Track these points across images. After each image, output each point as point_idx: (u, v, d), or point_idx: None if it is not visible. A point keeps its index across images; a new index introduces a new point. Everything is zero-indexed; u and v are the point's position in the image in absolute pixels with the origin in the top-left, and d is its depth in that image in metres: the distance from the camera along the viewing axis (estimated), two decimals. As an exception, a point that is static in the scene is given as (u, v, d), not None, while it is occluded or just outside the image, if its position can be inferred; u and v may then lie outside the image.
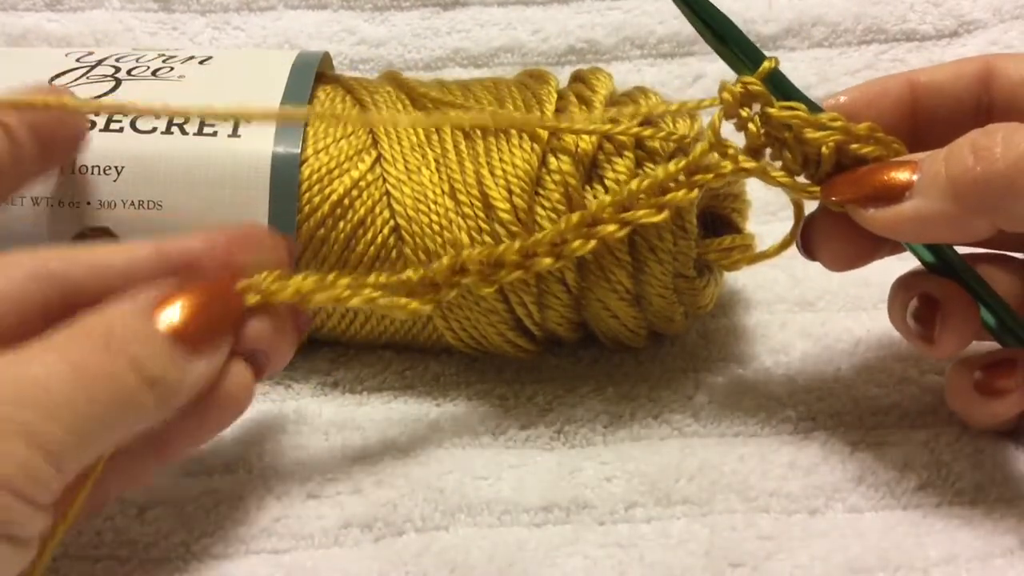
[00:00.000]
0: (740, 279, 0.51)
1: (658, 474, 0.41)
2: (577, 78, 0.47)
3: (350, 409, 0.44)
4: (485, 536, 0.39)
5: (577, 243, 0.40)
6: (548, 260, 0.40)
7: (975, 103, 0.40)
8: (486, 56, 0.62)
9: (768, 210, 0.52)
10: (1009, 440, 0.42)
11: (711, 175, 0.40)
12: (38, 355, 0.31)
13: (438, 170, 0.43)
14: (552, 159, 0.43)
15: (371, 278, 0.38)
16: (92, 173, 0.43)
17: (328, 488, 0.40)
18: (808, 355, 0.47)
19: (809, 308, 0.50)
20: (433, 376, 0.46)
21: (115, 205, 0.43)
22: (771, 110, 0.39)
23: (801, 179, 0.40)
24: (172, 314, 0.34)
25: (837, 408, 0.44)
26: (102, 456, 0.33)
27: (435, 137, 0.44)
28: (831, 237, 0.40)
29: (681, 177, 0.40)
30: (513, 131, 0.43)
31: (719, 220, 0.46)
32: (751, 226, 0.47)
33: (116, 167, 0.43)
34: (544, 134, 0.43)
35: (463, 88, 0.46)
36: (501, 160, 0.43)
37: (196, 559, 0.38)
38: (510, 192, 0.43)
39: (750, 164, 0.39)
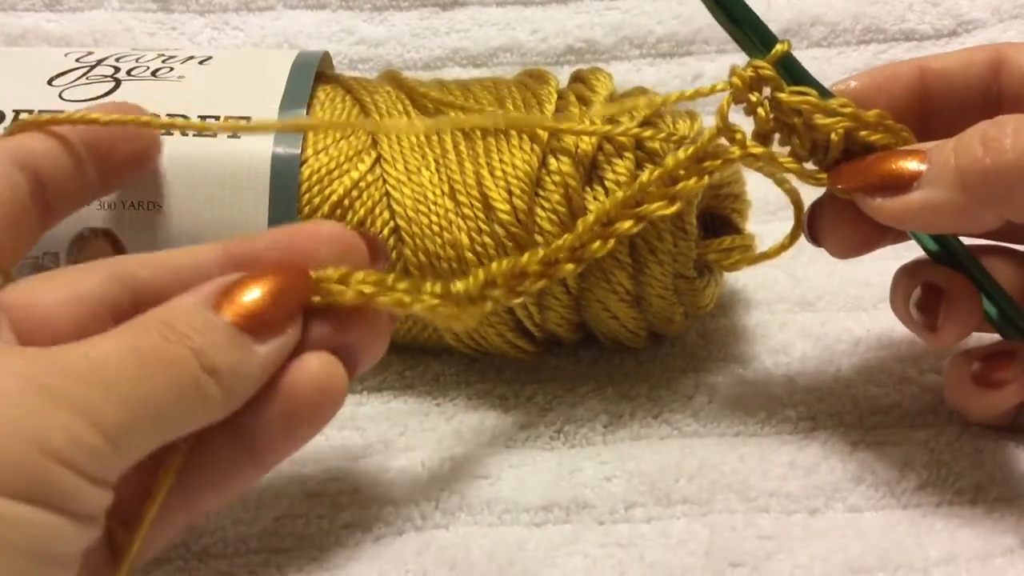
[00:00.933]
0: (740, 279, 0.51)
1: (658, 474, 0.41)
2: (577, 78, 0.47)
3: (350, 409, 0.44)
4: (485, 535, 0.39)
5: (596, 244, 0.40)
6: (570, 266, 0.40)
7: (984, 91, 0.40)
8: (485, 56, 0.62)
9: (768, 210, 0.52)
10: (1009, 439, 0.42)
11: (719, 161, 0.39)
12: (100, 340, 0.31)
13: (438, 171, 0.43)
14: (552, 160, 0.43)
15: (426, 287, 0.37)
16: (92, 173, 0.43)
17: (328, 488, 0.40)
18: (808, 355, 0.47)
19: (809, 308, 0.50)
20: (433, 376, 0.46)
21: (115, 205, 0.43)
22: (781, 95, 0.38)
23: (809, 165, 0.39)
24: (235, 299, 0.33)
25: (837, 408, 0.44)
26: (180, 450, 0.33)
27: (435, 138, 0.44)
28: (837, 224, 0.40)
29: (685, 168, 0.39)
30: (513, 132, 0.44)
31: (719, 221, 0.46)
32: (751, 226, 0.47)
33: (116, 167, 0.43)
34: (544, 135, 0.43)
35: (463, 88, 0.46)
36: (501, 161, 0.43)
37: (196, 559, 0.38)
38: (510, 193, 0.43)
39: (758, 149, 0.39)
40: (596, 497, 0.40)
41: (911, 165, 0.36)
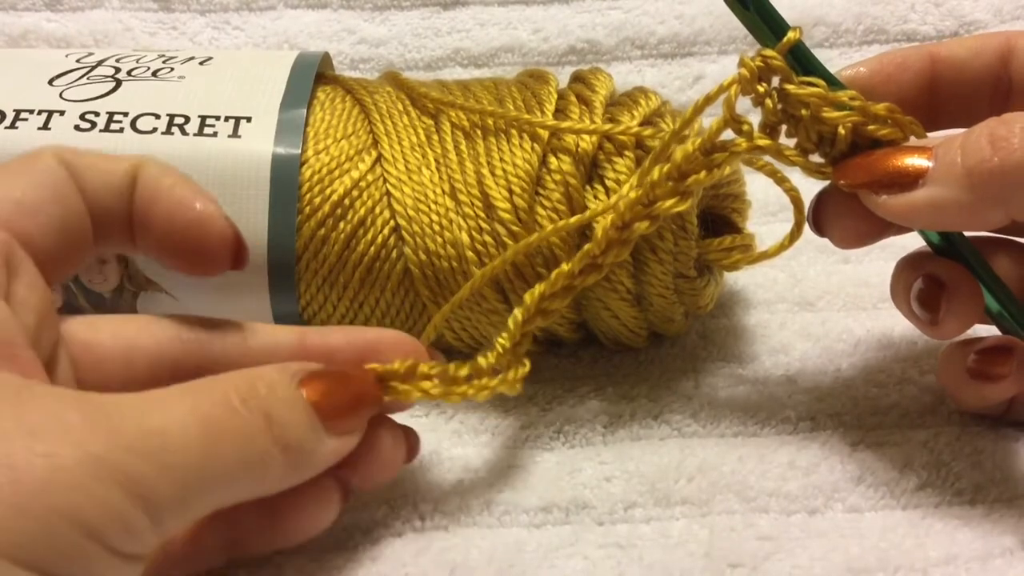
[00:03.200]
0: (740, 279, 0.51)
1: (657, 474, 0.41)
2: (577, 78, 0.47)
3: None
4: (484, 536, 0.39)
5: (616, 250, 0.40)
6: (593, 276, 0.40)
7: (994, 80, 0.40)
8: (486, 56, 0.62)
9: (768, 210, 0.52)
10: (1009, 440, 0.42)
11: (727, 153, 0.38)
12: (167, 402, 0.30)
13: (438, 170, 0.43)
14: (552, 159, 0.43)
15: (482, 362, 0.38)
16: (92, 173, 0.43)
17: (328, 490, 0.40)
18: (808, 355, 0.47)
19: (809, 308, 0.50)
20: (433, 376, 0.46)
21: (116, 205, 0.43)
22: (789, 86, 0.37)
23: (815, 158, 0.39)
24: (319, 387, 0.33)
25: (837, 408, 0.44)
26: None
27: (435, 137, 0.44)
28: (842, 215, 0.39)
29: (693, 162, 0.39)
30: (514, 131, 0.44)
31: (719, 220, 0.46)
32: (751, 226, 0.47)
33: (116, 167, 0.43)
34: (544, 134, 0.43)
35: (463, 88, 0.46)
36: (501, 160, 0.43)
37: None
38: (511, 192, 0.43)
39: (764, 141, 0.38)
40: (595, 498, 0.40)
41: (917, 162, 0.36)
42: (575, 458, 0.42)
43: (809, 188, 0.41)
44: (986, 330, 0.41)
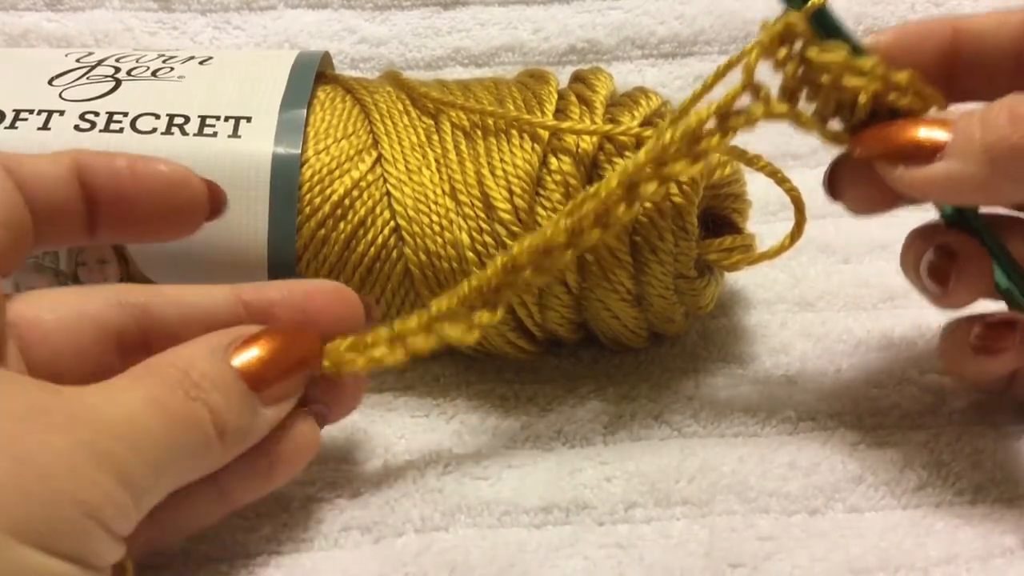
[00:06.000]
0: (740, 279, 0.51)
1: (658, 475, 0.41)
2: (577, 78, 0.47)
3: (350, 410, 0.44)
4: (485, 537, 0.39)
5: (622, 208, 0.38)
6: (596, 232, 0.38)
7: (1016, 54, 0.39)
8: (487, 55, 0.62)
9: (768, 210, 0.52)
10: (1009, 440, 0.42)
11: (743, 117, 0.37)
12: (123, 391, 0.32)
13: (439, 170, 0.43)
14: (553, 159, 0.43)
15: (435, 309, 0.38)
16: (92, 173, 0.43)
17: (328, 492, 0.40)
18: (808, 355, 0.47)
19: (809, 308, 0.50)
20: (433, 377, 0.46)
21: (115, 205, 0.43)
22: (810, 52, 0.37)
23: (834, 124, 0.38)
24: (249, 359, 0.35)
25: (837, 408, 0.44)
26: None
27: (435, 137, 0.44)
28: (857, 181, 0.39)
29: (709, 125, 0.38)
30: (514, 131, 0.44)
31: (719, 220, 0.46)
32: (751, 226, 0.47)
33: (116, 167, 0.43)
34: (545, 134, 0.43)
35: (463, 88, 0.46)
36: (502, 160, 0.43)
37: (195, 563, 0.38)
38: (511, 192, 0.43)
39: (782, 108, 0.38)
40: (596, 498, 0.40)
41: (935, 135, 0.35)
42: (575, 458, 0.42)
43: (809, 188, 0.41)
44: (990, 313, 0.41)
